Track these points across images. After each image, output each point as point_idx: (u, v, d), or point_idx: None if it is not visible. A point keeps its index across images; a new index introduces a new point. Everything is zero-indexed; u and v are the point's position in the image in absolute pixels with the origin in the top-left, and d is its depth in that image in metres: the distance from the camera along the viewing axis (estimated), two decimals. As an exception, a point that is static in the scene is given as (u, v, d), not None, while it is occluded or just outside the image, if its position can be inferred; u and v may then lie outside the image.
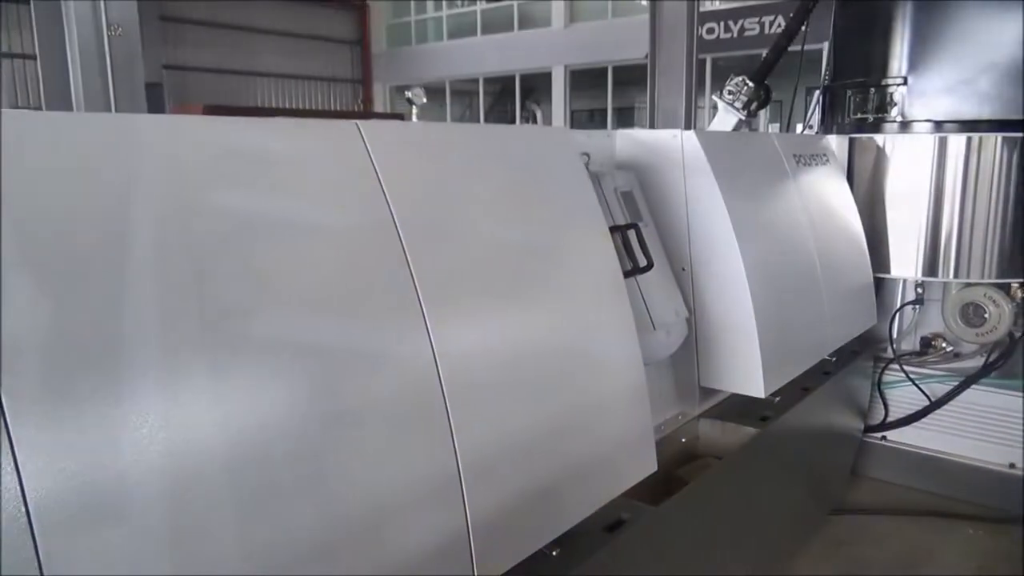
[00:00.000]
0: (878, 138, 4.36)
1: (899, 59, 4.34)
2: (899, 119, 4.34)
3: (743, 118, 4.45)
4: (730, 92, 4.46)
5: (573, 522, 2.11)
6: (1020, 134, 3.99)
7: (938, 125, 4.22)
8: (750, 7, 16.02)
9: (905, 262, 4.30)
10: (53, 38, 4.66)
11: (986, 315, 4.18)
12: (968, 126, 4.11)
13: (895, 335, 4.51)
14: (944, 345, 4.42)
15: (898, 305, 4.51)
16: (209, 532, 1.28)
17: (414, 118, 3.24)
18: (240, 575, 1.31)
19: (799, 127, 5.55)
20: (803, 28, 4.55)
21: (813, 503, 4.12)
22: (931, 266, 4.24)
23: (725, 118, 4.51)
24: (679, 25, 6.84)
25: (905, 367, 4.42)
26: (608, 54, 18.42)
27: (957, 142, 4.10)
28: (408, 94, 3.39)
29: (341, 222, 1.63)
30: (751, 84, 4.39)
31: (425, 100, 3.50)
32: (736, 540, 3.13)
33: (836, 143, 4.45)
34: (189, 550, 1.25)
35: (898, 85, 4.32)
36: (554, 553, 2.07)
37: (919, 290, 4.44)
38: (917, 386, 4.39)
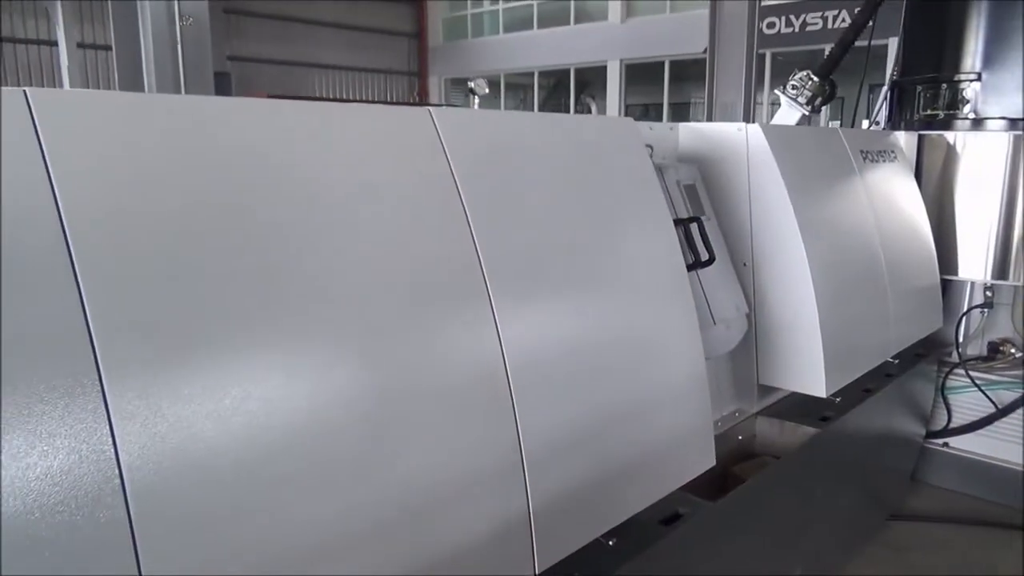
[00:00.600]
0: (948, 135, 4.22)
1: (973, 55, 4.20)
2: (971, 116, 4.19)
3: (806, 113, 4.36)
4: (794, 87, 4.37)
5: (630, 513, 2.11)
6: (1101, 133, 3.83)
7: (1013, 123, 4.07)
8: (813, 2, 15.63)
9: (974, 264, 4.17)
10: (128, 28, 4.83)
11: (1059, 321, 4.03)
12: (1046, 124, 3.96)
13: (961, 339, 4.37)
14: (1013, 351, 4.26)
15: (965, 308, 4.37)
16: (281, 501, 1.32)
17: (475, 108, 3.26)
18: (307, 544, 1.35)
19: (864, 123, 5.40)
20: (870, 23, 4.43)
21: (871, 507, 4.03)
22: (1001, 268, 4.10)
23: (788, 113, 4.42)
24: (739, 20, 6.73)
25: (971, 372, 4.28)
26: (665, 49, 18.18)
27: (1034, 140, 3.95)
28: (471, 84, 3.40)
29: (414, 207, 1.66)
30: (815, 79, 4.29)
31: (487, 91, 3.51)
32: (791, 540, 3.09)
33: (904, 140, 4.33)
34: (263, 514, 1.29)
35: (971, 81, 4.18)
36: (611, 543, 2.08)
37: (988, 293, 4.29)
38: (983, 392, 4.25)
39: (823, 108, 4.61)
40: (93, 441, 1.10)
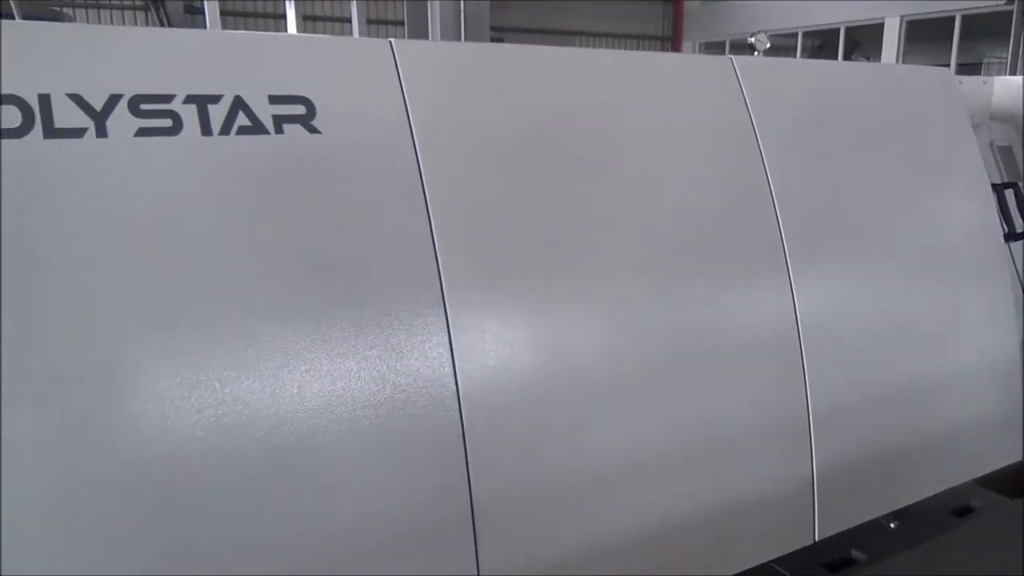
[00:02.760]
0: None
1: None
2: None
3: None
4: None
5: (917, 497, 1.96)
6: None
7: None
8: None
9: None
10: (418, 4, 5.29)
11: None
12: None
13: None
14: None
15: None
16: (582, 427, 1.41)
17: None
18: (604, 466, 1.44)
19: None
20: None
21: None
22: None
23: None
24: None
25: None
26: (956, 1, 16.00)
27: None
28: (751, 39, 3.27)
29: (716, 156, 1.65)
30: None
31: (769, 45, 3.35)
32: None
33: None
34: (565, 435, 1.40)
35: None
36: (892, 525, 1.96)
37: None
38: None
39: None
40: (438, 349, 1.26)
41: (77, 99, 1.06)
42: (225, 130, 1.14)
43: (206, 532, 1.09)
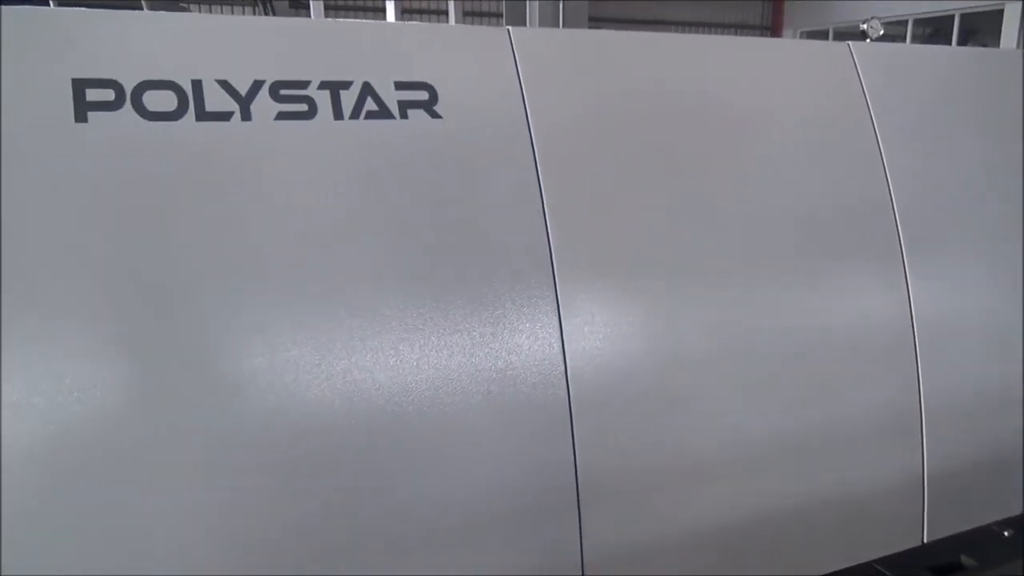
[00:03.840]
0: None
1: None
2: None
3: None
4: None
5: (1035, 506, 1.87)
6: None
7: None
8: None
9: None
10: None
11: None
12: None
13: None
14: None
15: None
16: (686, 413, 1.43)
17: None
18: (704, 454, 1.45)
19: None
20: None
21: None
22: None
23: None
24: None
25: None
26: (1090, -16, 14.82)
27: None
28: (863, 26, 3.16)
29: (834, 150, 1.62)
30: None
31: (882, 32, 3.24)
32: None
33: None
34: (672, 418, 1.41)
35: None
36: (1006, 533, 1.87)
37: None
38: None
39: None
40: (548, 330, 1.29)
41: (225, 85, 1.14)
42: (355, 115, 1.21)
43: (328, 495, 1.16)
